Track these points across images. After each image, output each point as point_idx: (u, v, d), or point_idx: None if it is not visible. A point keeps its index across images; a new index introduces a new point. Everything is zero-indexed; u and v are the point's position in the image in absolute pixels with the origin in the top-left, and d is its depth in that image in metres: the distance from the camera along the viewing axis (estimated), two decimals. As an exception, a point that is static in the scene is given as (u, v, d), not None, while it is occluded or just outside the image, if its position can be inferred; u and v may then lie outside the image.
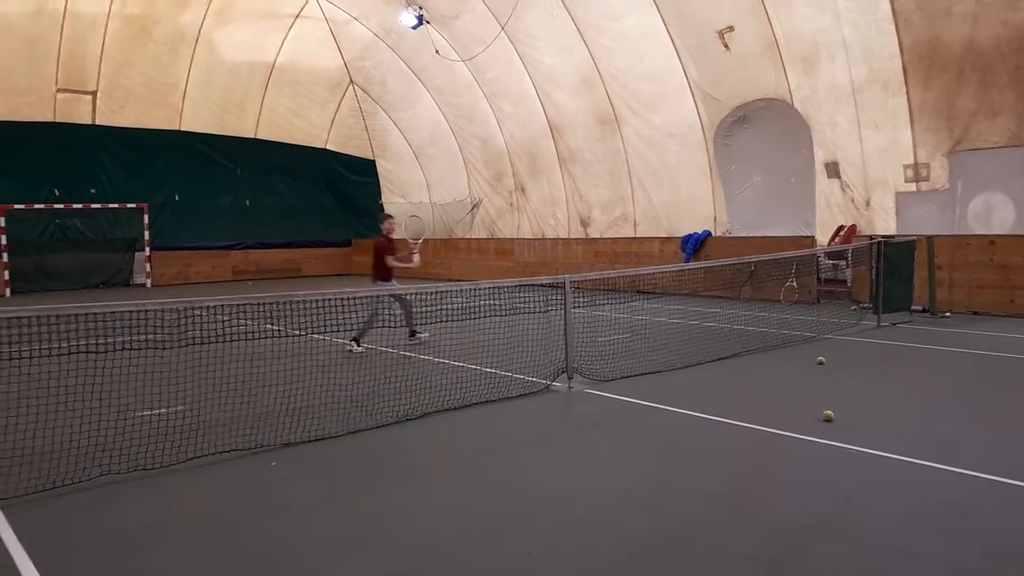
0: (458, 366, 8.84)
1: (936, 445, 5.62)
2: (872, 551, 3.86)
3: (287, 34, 23.83)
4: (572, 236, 21.04)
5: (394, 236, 11.23)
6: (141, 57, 22.16)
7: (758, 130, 16.76)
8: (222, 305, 6.05)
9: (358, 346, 10.28)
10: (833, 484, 4.88)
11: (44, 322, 5.30)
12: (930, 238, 12.76)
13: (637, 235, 19.16)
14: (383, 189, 28.19)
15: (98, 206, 22.76)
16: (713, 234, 17.26)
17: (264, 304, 6.33)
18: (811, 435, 5.90)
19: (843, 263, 14.57)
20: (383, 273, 10.99)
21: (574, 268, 18.98)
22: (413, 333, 10.75)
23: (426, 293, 9.21)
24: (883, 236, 12.63)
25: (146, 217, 23.52)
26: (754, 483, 4.96)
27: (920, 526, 4.20)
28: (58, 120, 21.96)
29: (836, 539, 4.05)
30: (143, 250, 23.54)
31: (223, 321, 6.17)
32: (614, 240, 19.57)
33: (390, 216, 11.48)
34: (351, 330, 9.82)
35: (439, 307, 9.75)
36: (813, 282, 14.82)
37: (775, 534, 4.10)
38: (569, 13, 18.09)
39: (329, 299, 6.99)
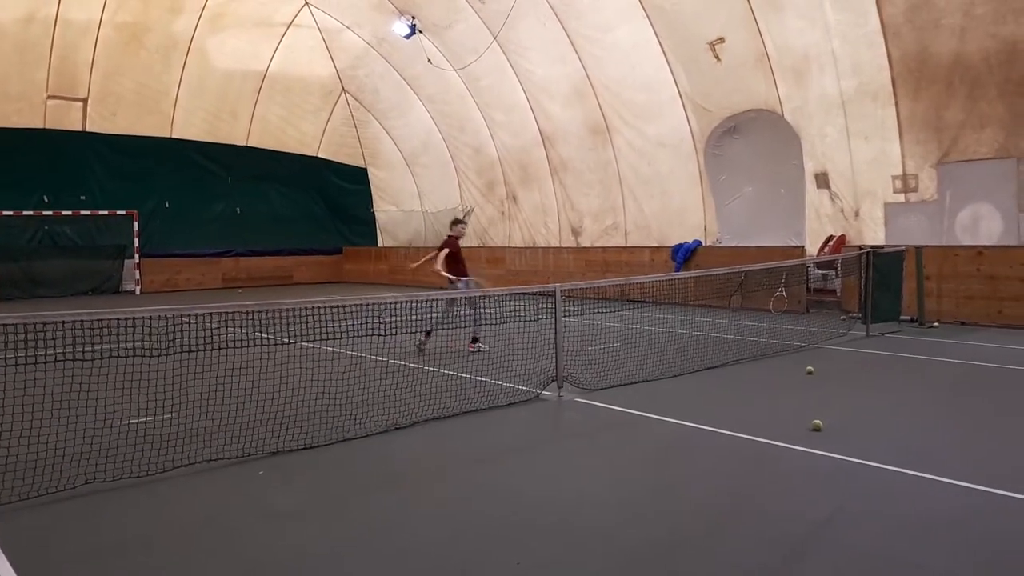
0: (448, 374, 8.83)
1: (925, 455, 5.64)
2: (864, 561, 3.86)
3: (280, 42, 23.84)
4: (563, 245, 21.08)
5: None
6: (133, 64, 22.10)
7: (748, 141, 16.86)
8: (211, 313, 6.03)
9: (481, 344, 10.66)
10: (824, 494, 4.88)
11: (31, 329, 5.26)
12: (919, 248, 12.84)
13: (628, 244, 19.20)
14: (375, 197, 28.20)
15: (88, 213, 22.66)
16: (703, 243, 17.32)
17: (253, 312, 6.31)
18: (801, 445, 5.91)
19: (832, 273, 14.63)
20: (460, 270, 11.26)
21: (565, 277, 19.01)
22: (429, 334, 10.83)
23: (417, 301, 9.20)
24: (872, 246, 12.70)
25: (136, 224, 23.42)
26: (744, 492, 4.97)
27: (911, 536, 4.20)
28: (48, 127, 21.87)
29: (827, 549, 4.05)
30: (132, 257, 23.43)
31: (212, 329, 6.14)
32: (605, 249, 19.61)
33: (463, 222, 12.01)
34: (342, 337, 9.77)
35: (430, 315, 9.73)
36: (802, 292, 14.88)
37: (765, 543, 4.10)
38: (561, 24, 18.18)
39: (319, 307, 6.98)
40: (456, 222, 11.85)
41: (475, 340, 10.71)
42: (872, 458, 5.51)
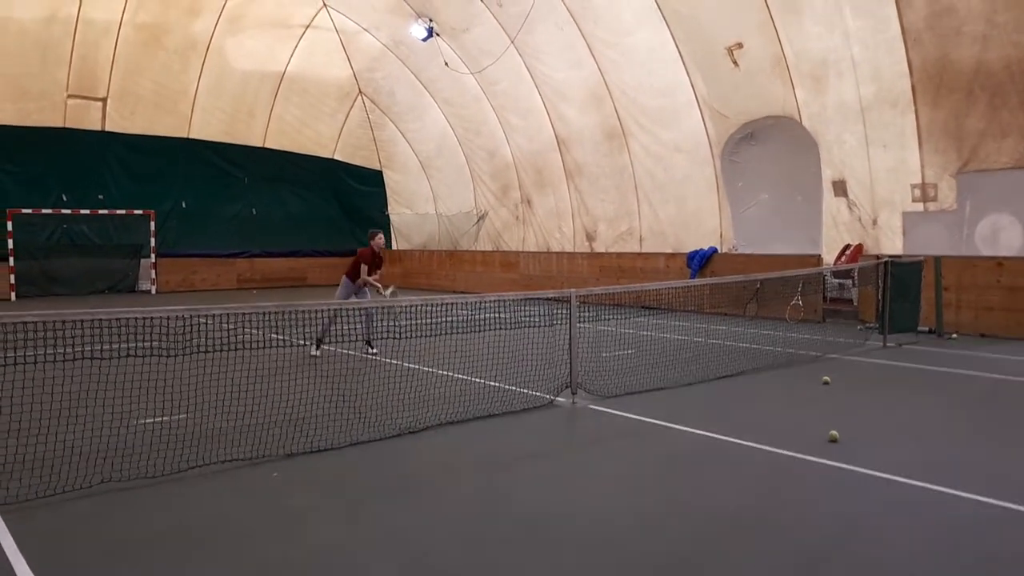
0: (462, 379, 8.81)
1: (942, 468, 5.56)
2: (879, 574, 3.82)
3: (297, 44, 23.96)
4: (577, 250, 21.03)
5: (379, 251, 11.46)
6: (152, 64, 22.28)
7: (766, 147, 16.76)
8: (227, 313, 6.04)
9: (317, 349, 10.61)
10: (839, 505, 4.83)
11: (49, 327, 5.29)
12: (937, 259, 12.71)
13: (643, 250, 19.13)
14: (389, 200, 28.24)
15: (105, 212, 22.82)
16: (719, 250, 17.23)
17: (269, 313, 6.32)
18: (817, 456, 5.85)
19: (849, 282, 14.51)
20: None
21: (579, 282, 18.96)
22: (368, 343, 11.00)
23: (430, 305, 9.21)
24: (890, 256, 12.59)
25: (152, 224, 23.57)
26: (759, 503, 4.92)
27: (927, 550, 4.14)
28: (68, 126, 22.06)
29: (843, 561, 4.00)
30: (149, 257, 23.58)
31: (228, 330, 6.16)
32: (619, 255, 19.54)
33: (379, 232, 11.86)
34: (356, 339, 9.80)
35: (443, 319, 9.73)
36: (819, 301, 14.76)
37: (780, 556, 4.05)
38: (579, 28, 18.15)
39: (334, 310, 6.98)
40: (374, 234, 11.63)
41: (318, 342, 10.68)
42: (888, 470, 5.44)
